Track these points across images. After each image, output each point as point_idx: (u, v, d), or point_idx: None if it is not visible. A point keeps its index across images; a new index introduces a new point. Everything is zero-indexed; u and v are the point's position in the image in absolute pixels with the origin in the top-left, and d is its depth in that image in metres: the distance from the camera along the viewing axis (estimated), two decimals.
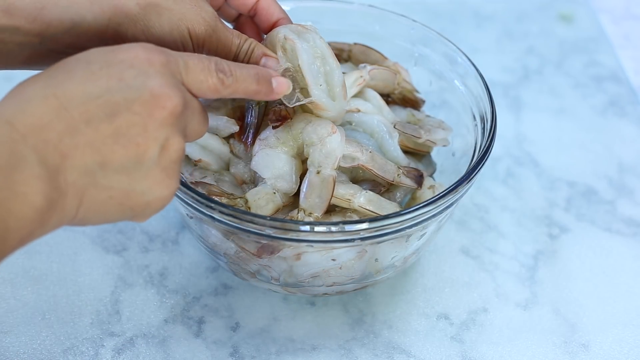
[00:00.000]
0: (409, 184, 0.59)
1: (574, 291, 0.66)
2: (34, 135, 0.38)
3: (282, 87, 0.50)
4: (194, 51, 0.50)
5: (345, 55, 0.70)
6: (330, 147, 0.55)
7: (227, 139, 0.60)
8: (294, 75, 0.54)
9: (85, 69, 0.41)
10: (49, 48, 0.49)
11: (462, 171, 0.59)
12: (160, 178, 0.42)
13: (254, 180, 0.59)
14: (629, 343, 0.62)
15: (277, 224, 0.51)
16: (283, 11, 0.57)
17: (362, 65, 0.64)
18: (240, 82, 0.47)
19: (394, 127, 0.61)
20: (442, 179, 0.65)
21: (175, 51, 0.45)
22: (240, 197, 0.56)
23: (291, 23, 0.57)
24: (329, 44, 0.70)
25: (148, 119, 0.40)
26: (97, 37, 0.48)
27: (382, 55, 0.68)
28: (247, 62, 0.53)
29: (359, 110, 0.61)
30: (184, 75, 0.44)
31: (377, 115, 0.62)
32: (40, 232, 0.39)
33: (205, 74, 0.45)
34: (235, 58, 0.52)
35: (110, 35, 0.48)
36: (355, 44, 0.69)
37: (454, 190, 0.54)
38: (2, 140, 0.37)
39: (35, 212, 0.37)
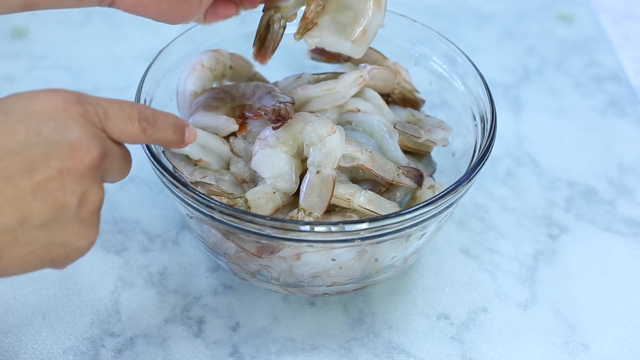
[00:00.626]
0: (409, 183, 0.59)
1: (574, 291, 0.66)
2: None
3: (191, 137, 0.50)
4: None
5: (345, 55, 0.69)
6: (330, 147, 0.55)
7: (227, 138, 0.60)
8: None
9: (4, 123, 0.40)
10: None
11: (462, 171, 0.59)
12: (79, 230, 0.42)
13: (254, 179, 0.59)
14: (629, 343, 0.62)
15: (277, 223, 0.51)
16: None
17: (362, 65, 0.64)
18: (160, 131, 0.47)
19: (394, 127, 0.61)
20: (442, 179, 0.65)
21: (95, 97, 0.45)
22: (240, 197, 0.56)
23: None
24: None
25: (66, 173, 0.41)
26: None
27: (382, 55, 0.68)
28: None
29: (359, 110, 0.61)
30: (103, 122, 0.44)
31: (377, 115, 0.62)
32: None
33: (127, 123, 0.45)
34: None
35: None
36: None
37: (454, 190, 0.54)
38: None
39: None
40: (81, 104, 0.43)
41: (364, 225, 0.51)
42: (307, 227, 0.51)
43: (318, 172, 0.55)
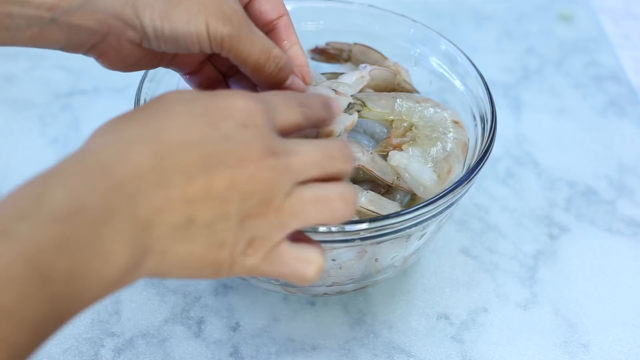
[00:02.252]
0: (408, 187, 0.59)
1: (574, 291, 0.66)
2: (129, 185, 0.36)
3: (337, 109, 0.49)
4: (210, 50, 0.49)
5: (345, 55, 0.70)
6: None
7: None
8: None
9: (186, 114, 0.39)
10: (59, 25, 0.47)
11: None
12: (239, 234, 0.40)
13: None
14: (629, 343, 0.62)
15: None
16: (297, 37, 0.56)
17: (363, 65, 0.64)
18: (315, 112, 0.46)
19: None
20: None
21: (263, 93, 0.44)
22: None
23: (302, 51, 0.56)
24: (329, 43, 0.71)
25: (237, 173, 0.39)
26: (112, 16, 0.47)
27: (382, 55, 0.68)
28: (272, 82, 0.51)
29: (359, 112, 0.61)
30: (276, 119, 0.42)
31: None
32: (115, 289, 0.37)
33: (292, 112, 0.44)
34: (258, 71, 0.50)
35: (127, 15, 0.47)
36: (355, 44, 0.69)
37: (454, 190, 0.54)
38: (96, 188, 0.35)
39: (117, 272, 0.36)
40: (260, 100, 0.41)
41: (364, 226, 0.51)
42: (309, 227, 0.51)
43: None
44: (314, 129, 0.51)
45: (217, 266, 0.40)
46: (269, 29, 0.54)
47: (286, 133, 0.44)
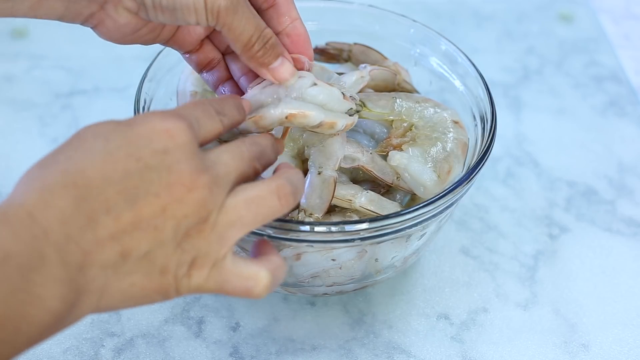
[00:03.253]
0: (408, 187, 0.59)
1: (574, 291, 0.66)
2: (56, 231, 0.36)
3: (247, 107, 0.49)
4: (206, 22, 0.48)
5: (345, 55, 0.70)
6: (332, 149, 0.55)
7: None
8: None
9: (104, 150, 0.38)
10: None
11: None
12: (179, 256, 0.40)
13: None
14: (629, 343, 0.62)
15: (277, 224, 0.51)
16: (297, 12, 0.55)
17: (363, 65, 0.64)
18: (230, 117, 0.46)
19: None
20: None
21: (183, 107, 0.44)
22: None
23: (304, 27, 0.55)
24: (329, 43, 0.71)
25: (167, 201, 0.39)
26: None
27: (382, 55, 0.68)
28: (259, 58, 0.51)
29: (358, 112, 0.61)
30: (199, 133, 0.42)
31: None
32: (52, 332, 0.37)
33: (212, 122, 0.44)
34: (247, 49, 0.50)
35: None
36: (355, 44, 0.69)
37: (454, 191, 0.54)
38: (23, 236, 0.35)
39: (51, 316, 0.35)
40: (178, 117, 0.41)
41: (364, 226, 0.51)
42: (307, 227, 0.51)
43: (319, 173, 0.55)
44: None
45: (163, 291, 0.40)
46: (269, 5, 0.53)
47: (206, 143, 0.44)
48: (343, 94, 0.53)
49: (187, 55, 0.57)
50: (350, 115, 0.54)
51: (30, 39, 0.91)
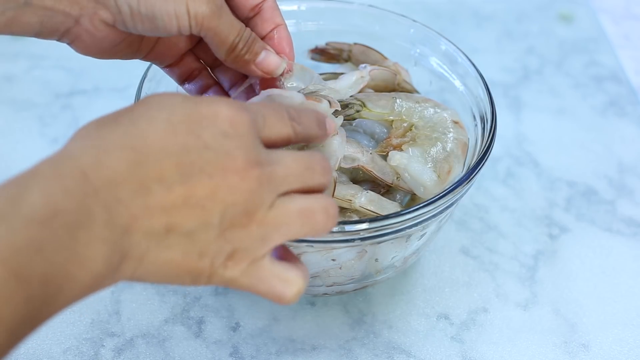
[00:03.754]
0: (408, 187, 0.59)
1: (574, 291, 0.66)
2: (107, 191, 0.36)
3: (332, 128, 0.49)
4: (188, 31, 0.48)
5: (345, 55, 0.70)
6: (332, 149, 0.55)
7: None
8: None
9: (167, 121, 0.38)
10: (33, 8, 0.47)
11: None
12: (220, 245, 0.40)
13: None
14: (629, 343, 0.62)
15: None
16: (282, 18, 0.55)
17: (363, 65, 0.64)
18: (307, 127, 0.45)
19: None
20: None
21: (252, 103, 0.43)
22: None
23: (287, 32, 0.55)
24: (329, 43, 0.71)
25: (219, 183, 0.39)
26: None
27: (382, 55, 0.68)
28: (244, 56, 0.51)
29: (358, 112, 0.61)
30: (263, 130, 0.42)
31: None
32: (90, 293, 0.37)
33: (281, 125, 0.43)
34: (232, 51, 0.50)
35: None
36: (355, 44, 0.69)
37: (454, 191, 0.54)
38: (73, 193, 0.35)
39: (93, 278, 0.35)
40: (246, 110, 0.41)
41: (364, 226, 0.51)
42: None
43: None
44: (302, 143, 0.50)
45: (195, 275, 0.40)
46: (255, 13, 0.54)
47: (274, 145, 0.43)
48: (330, 102, 0.53)
49: (167, 69, 0.56)
50: (342, 114, 0.54)
51: (30, 39, 0.91)
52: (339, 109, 0.54)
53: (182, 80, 0.57)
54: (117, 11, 0.47)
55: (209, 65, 0.57)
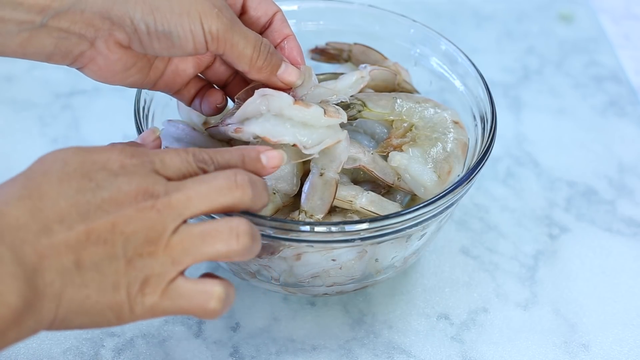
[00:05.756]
0: (408, 188, 0.59)
1: (574, 291, 0.66)
2: (10, 234, 0.38)
3: (274, 161, 0.48)
4: (205, 48, 0.49)
5: (345, 55, 0.70)
6: (336, 151, 0.55)
7: (229, 141, 0.60)
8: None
9: (61, 171, 0.41)
10: (48, 30, 0.47)
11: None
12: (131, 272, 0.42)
13: None
14: (629, 343, 0.62)
15: (278, 224, 0.51)
16: (291, 29, 0.56)
17: (363, 65, 0.64)
18: (222, 165, 0.46)
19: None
20: None
21: (151, 150, 0.45)
22: None
23: (297, 42, 0.56)
24: (329, 43, 0.71)
25: (116, 217, 0.41)
26: (100, 15, 0.47)
27: (382, 55, 0.68)
28: (264, 71, 0.52)
29: (359, 112, 0.62)
30: (162, 170, 0.44)
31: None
32: (15, 334, 0.38)
33: (184, 165, 0.45)
34: (255, 63, 0.51)
35: (116, 12, 0.47)
36: (355, 44, 0.69)
37: (454, 191, 0.54)
38: None
39: (11, 311, 0.37)
40: (137, 155, 0.43)
41: (364, 226, 0.51)
42: (308, 228, 0.51)
43: (321, 175, 0.55)
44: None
45: (117, 309, 0.41)
46: (265, 28, 0.55)
47: (183, 177, 0.44)
48: (325, 110, 0.53)
49: (176, 95, 0.57)
50: (347, 113, 0.54)
51: None
52: (341, 117, 0.54)
53: (190, 101, 0.58)
54: (133, 30, 0.48)
55: (220, 86, 0.58)
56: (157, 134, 0.52)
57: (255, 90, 0.52)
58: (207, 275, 0.45)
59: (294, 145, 0.52)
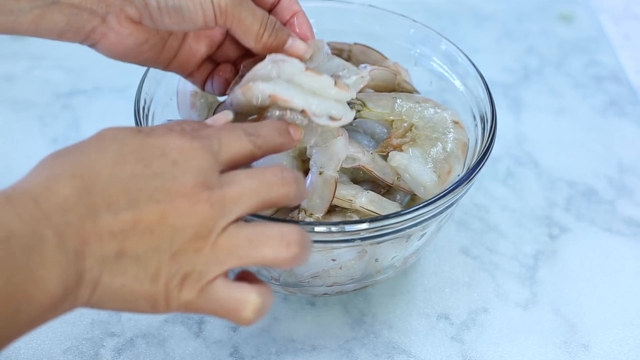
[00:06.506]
0: (408, 188, 0.59)
1: (574, 291, 0.66)
2: (57, 216, 0.37)
3: (296, 134, 0.49)
4: (213, 22, 0.49)
5: (345, 55, 0.70)
6: (334, 149, 0.55)
7: None
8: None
9: (117, 151, 0.40)
10: (60, 6, 0.48)
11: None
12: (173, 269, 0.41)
13: None
14: (629, 343, 0.62)
15: None
16: (299, 5, 0.56)
17: (363, 65, 0.64)
18: (268, 139, 0.46)
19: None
20: None
21: (207, 130, 0.44)
22: None
23: (306, 17, 0.56)
24: (329, 43, 0.70)
25: (170, 215, 0.40)
26: None
27: (382, 55, 0.68)
28: (271, 47, 0.52)
29: (359, 112, 0.62)
30: (220, 153, 0.43)
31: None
32: (50, 317, 0.38)
33: (239, 143, 0.44)
34: (260, 38, 0.51)
35: None
36: (355, 44, 0.69)
37: (454, 190, 0.54)
38: (24, 218, 0.36)
39: (50, 299, 0.37)
40: (198, 138, 0.42)
41: (364, 226, 0.51)
42: (307, 227, 0.51)
43: (321, 173, 0.55)
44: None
45: (152, 300, 0.40)
46: (273, 5, 0.55)
47: (238, 165, 0.44)
48: (336, 81, 0.52)
49: (189, 78, 0.57)
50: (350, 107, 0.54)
51: (30, 39, 0.91)
52: (351, 92, 0.53)
53: (203, 83, 0.58)
54: (144, 5, 0.48)
55: (233, 63, 0.58)
56: (230, 118, 0.50)
57: (267, 55, 0.52)
58: (247, 276, 0.44)
59: (303, 111, 0.50)
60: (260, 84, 0.50)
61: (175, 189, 0.40)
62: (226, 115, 0.49)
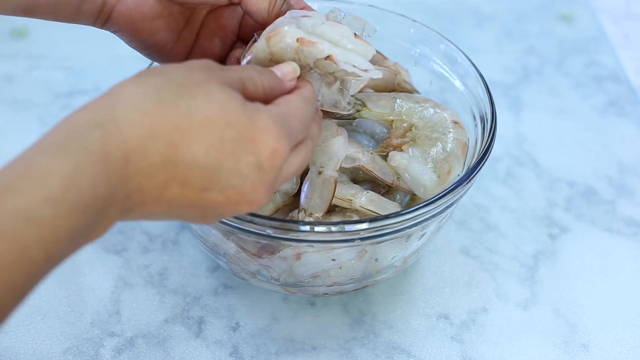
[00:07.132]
0: (408, 188, 0.59)
1: (574, 291, 0.66)
2: (137, 179, 0.38)
3: (289, 75, 0.48)
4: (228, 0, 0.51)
5: None
6: (334, 149, 0.55)
7: None
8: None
9: (219, 134, 0.40)
10: None
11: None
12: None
13: None
14: (629, 343, 0.62)
15: (277, 224, 0.51)
16: None
17: None
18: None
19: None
20: None
21: (253, 79, 0.44)
22: None
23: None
24: None
25: (227, 207, 0.42)
26: None
27: (382, 55, 0.68)
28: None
29: (359, 111, 0.61)
30: (268, 91, 0.45)
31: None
32: (107, 223, 0.40)
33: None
34: (273, 7, 0.52)
35: None
36: None
37: (454, 190, 0.54)
38: (112, 181, 0.37)
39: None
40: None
41: (364, 226, 0.51)
42: (307, 227, 0.51)
43: (320, 173, 0.55)
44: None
45: (210, 208, 0.42)
46: None
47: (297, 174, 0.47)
48: (355, 34, 0.51)
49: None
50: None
51: (30, 39, 0.91)
52: (370, 46, 0.51)
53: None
54: None
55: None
56: (298, 72, 0.49)
57: (288, 11, 0.51)
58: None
59: (328, 57, 0.49)
60: (287, 27, 0.49)
61: (247, 196, 0.41)
62: (294, 70, 0.49)
